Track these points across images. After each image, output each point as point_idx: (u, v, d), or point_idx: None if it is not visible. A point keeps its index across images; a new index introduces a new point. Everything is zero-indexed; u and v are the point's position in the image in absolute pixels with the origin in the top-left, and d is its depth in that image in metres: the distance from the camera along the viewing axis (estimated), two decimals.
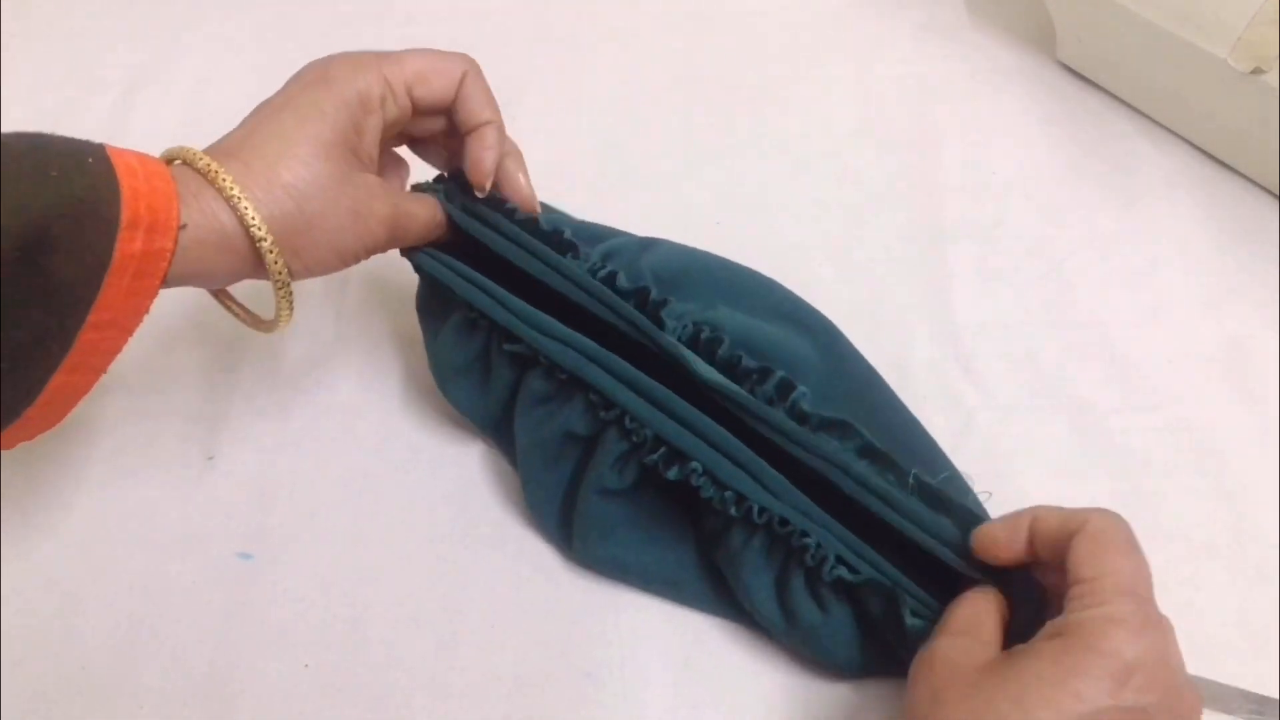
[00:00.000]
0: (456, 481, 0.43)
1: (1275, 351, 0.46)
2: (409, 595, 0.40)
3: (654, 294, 0.38)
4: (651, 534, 0.39)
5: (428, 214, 0.40)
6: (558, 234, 0.39)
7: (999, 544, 0.33)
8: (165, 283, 0.32)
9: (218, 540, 0.42)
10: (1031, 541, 0.33)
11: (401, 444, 0.44)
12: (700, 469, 0.36)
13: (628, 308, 0.38)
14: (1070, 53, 0.58)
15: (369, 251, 0.38)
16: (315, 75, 0.37)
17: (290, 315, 0.37)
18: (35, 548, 0.42)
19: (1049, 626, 0.30)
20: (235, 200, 0.33)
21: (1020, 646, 0.30)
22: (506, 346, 0.39)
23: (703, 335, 0.37)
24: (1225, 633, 0.38)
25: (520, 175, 0.41)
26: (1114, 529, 0.32)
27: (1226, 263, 0.49)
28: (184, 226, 0.32)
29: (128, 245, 0.30)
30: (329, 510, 0.43)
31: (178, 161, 0.34)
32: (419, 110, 0.38)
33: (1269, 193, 0.52)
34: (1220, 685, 0.36)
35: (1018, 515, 0.33)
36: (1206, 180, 0.53)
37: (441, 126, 0.40)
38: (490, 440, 0.44)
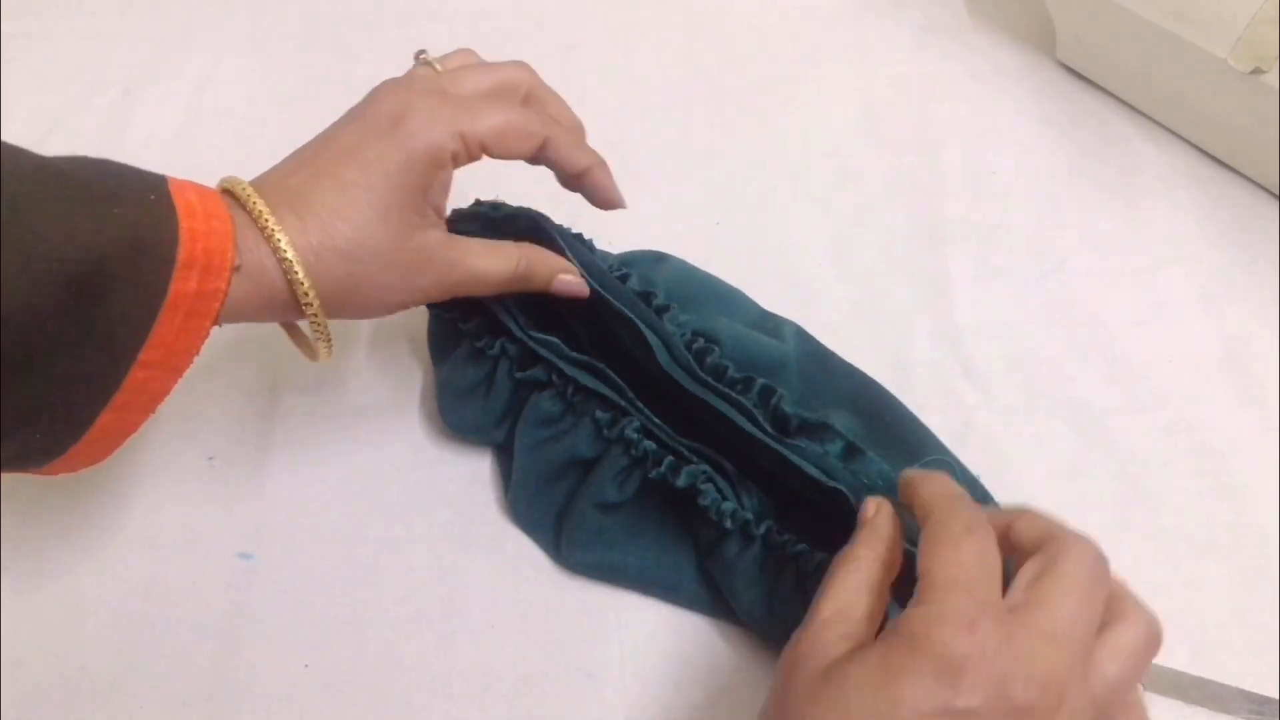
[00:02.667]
0: (456, 482, 0.43)
1: (1275, 351, 0.46)
2: (409, 595, 0.40)
3: (659, 299, 0.39)
4: (647, 539, 0.40)
5: (500, 271, 0.37)
6: (578, 236, 0.41)
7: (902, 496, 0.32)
8: (215, 321, 0.32)
9: (218, 540, 0.42)
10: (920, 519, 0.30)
11: (402, 444, 0.44)
12: (705, 475, 0.37)
13: (641, 305, 0.39)
14: (1070, 53, 0.58)
15: (421, 304, 0.37)
16: (387, 120, 0.34)
17: (330, 352, 0.36)
18: (35, 548, 0.42)
19: (889, 624, 0.27)
20: (286, 263, 0.32)
21: (875, 640, 0.27)
22: (519, 375, 0.40)
23: (695, 345, 0.39)
24: (1225, 633, 0.38)
25: (611, 182, 0.40)
26: (948, 518, 0.29)
27: (1226, 263, 0.49)
28: (238, 268, 0.31)
29: (182, 285, 0.30)
30: (329, 510, 0.43)
31: (229, 192, 0.33)
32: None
33: (1269, 193, 0.52)
34: (1220, 685, 0.36)
35: (912, 479, 0.31)
36: (1206, 180, 0.53)
37: None
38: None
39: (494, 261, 0.37)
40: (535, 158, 0.37)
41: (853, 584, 0.29)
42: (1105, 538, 0.41)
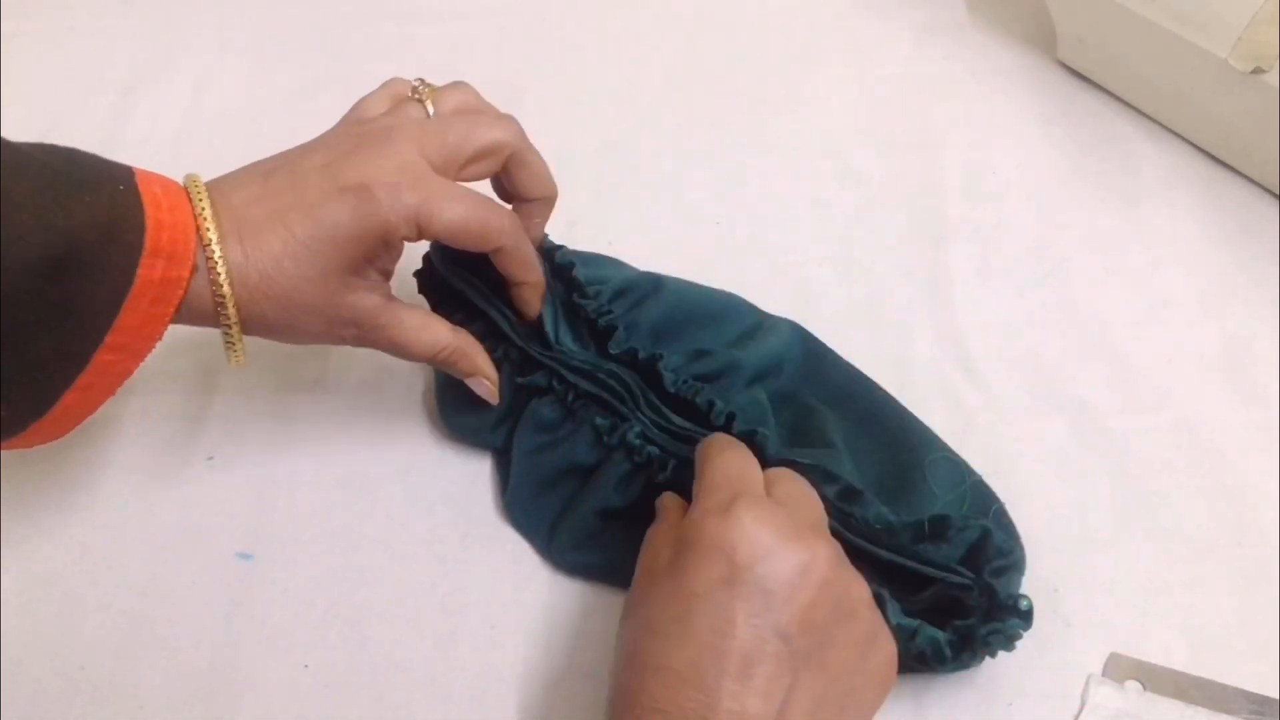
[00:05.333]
0: (456, 482, 0.43)
1: (1275, 351, 0.46)
2: (409, 595, 0.40)
3: (642, 354, 0.39)
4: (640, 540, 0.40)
5: (422, 352, 0.38)
6: (568, 267, 0.40)
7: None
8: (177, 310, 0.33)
9: (218, 540, 0.42)
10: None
11: (401, 444, 0.44)
12: None
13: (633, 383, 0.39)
14: (1070, 53, 0.58)
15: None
16: (354, 182, 0.34)
17: (242, 362, 0.36)
18: (35, 548, 0.42)
19: None
20: (219, 288, 0.33)
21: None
22: (520, 380, 0.40)
23: (682, 387, 0.39)
24: (1225, 633, 0.38)
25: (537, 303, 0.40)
26: (713, 442, 0.35)
27: (1226, 263, 0.49)
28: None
29: (148, 272, 0.31)
30: (329, 510, 0.43)
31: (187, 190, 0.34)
32: None
33: (1269, 193, 0.52)
34: (1220, 685, 0.36)
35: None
36: (1206, 180, 0.53)
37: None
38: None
39: (421, 340, 0.37)
40: (492, 258, 0.38)
41: (661, 548, 0.33)
42: (1105, 538, 0.41)
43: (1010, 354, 0.46)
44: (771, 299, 0.46)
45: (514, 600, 0.40)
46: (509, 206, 0.38)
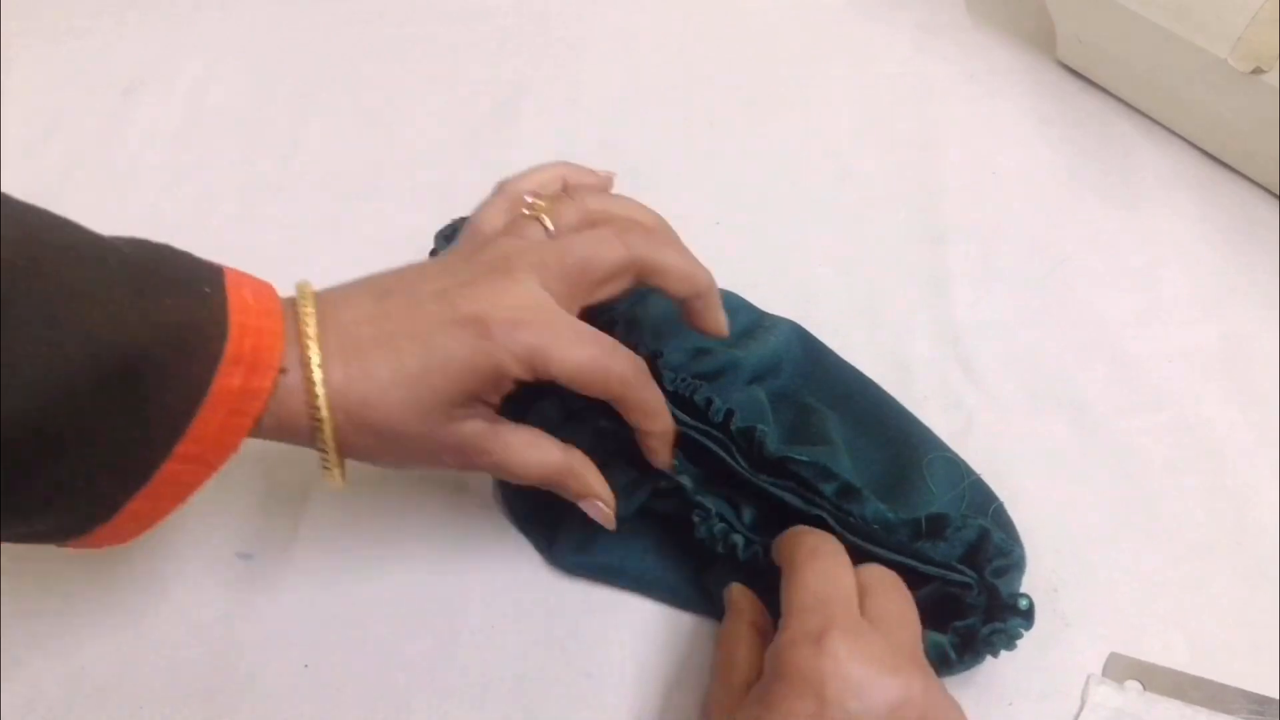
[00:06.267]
0: (457, 482, 0.43)
1: (1275, 351, 0.46)
2: (409, 595, 0.40)
3: (642, 350, 0.38)
4: (646, 543, 0.40)
5: (533, 472, 0.34)
6: None
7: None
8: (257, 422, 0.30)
9: (218, 540, 0.42)
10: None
11: None
12: (709, 507, 0.37)
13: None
14: (1070, 53, 0.58)
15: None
16: (471, 316, 0.32)
17: (345, 481, 0.34)
18: (35, 548, 0.42)
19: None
20: (316, 411, 0.31)
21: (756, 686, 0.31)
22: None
23: (681, 385, 0.38)
24: (1225, 633, 0.38)
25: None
26: (795, 547, 0.33)
27: (1226, 263, 0.49)
28: (284, 371, 0.31)
29: (226, 380, 0.29)
30: (329, 510, 0.43)
31: (293, 302, 0.32)
32: None
33: (1269, 193, 0.52)
34: (1220, 685, 0.36)
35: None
36: (1206, 180, 0.53)
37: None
38: None
39: (530, 461, 0.34)
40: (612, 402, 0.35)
41: (737, 650, 0.33)
42: (1105, 538, 0.41)
43: (1010, 354, 0.46)
44: (771, 299, 0.46)
45: (514, 600, 0.40)
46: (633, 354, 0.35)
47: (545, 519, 0.41)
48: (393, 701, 0.38)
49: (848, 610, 0.30)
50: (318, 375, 0.31)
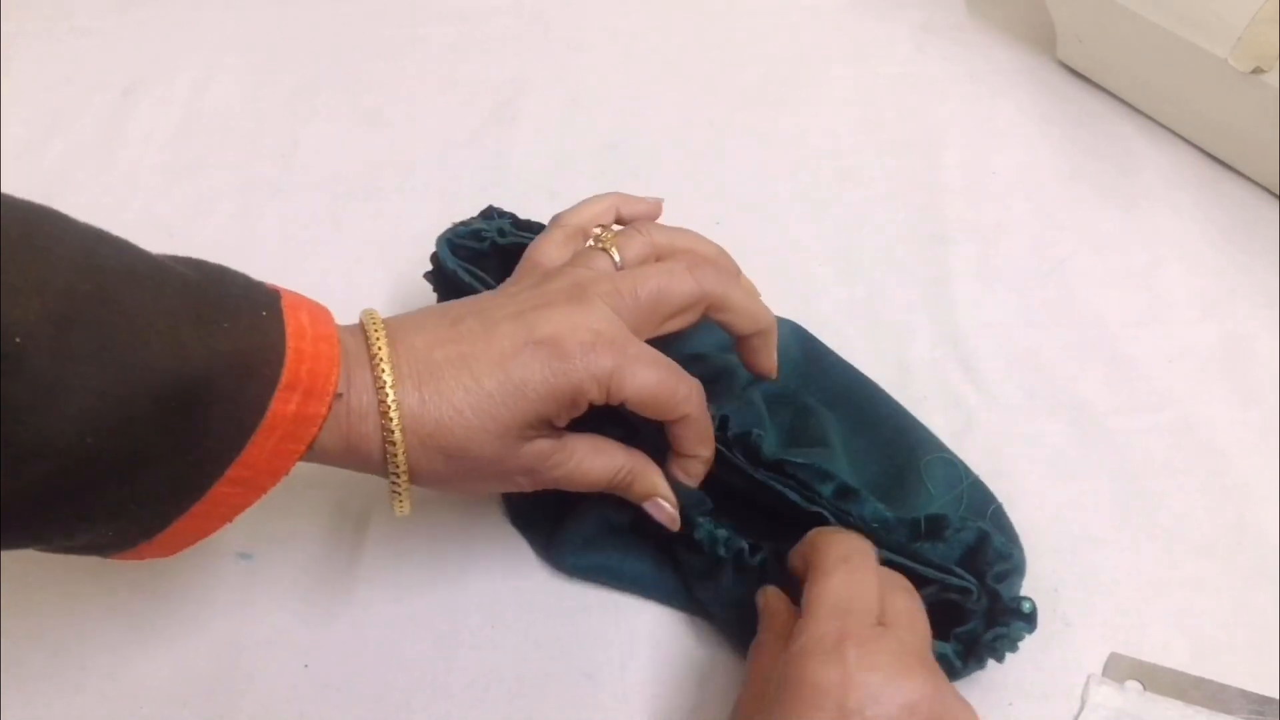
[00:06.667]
0: None
1: (1275, 351, 0.46)
2: (409, 595, 0.40)
3: None
4: (645, 546, 0.39)
5: (600, 476, 0.35)
6: None
7: (795, 569, 0.34)
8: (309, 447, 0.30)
9: (218, 540, 0.42)
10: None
11: None
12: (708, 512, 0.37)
13: None
14: (1070, 53, 0.58)
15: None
16: (549, 338, 0.32)
17: (411, 508, 0.34)
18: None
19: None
20: (390, 434, 0.31)
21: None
22: None
23: None
24: (1225, 633, 0.38)
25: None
26: (825, 549, 0.32)
27: (1226, 263, 0.49)
28: (340, 396, 0.30)
29: (282, 406, 0.29)
30: (328, 510, 0.43)
31: (363, 326, 0.32)
32: None
33: (1269, 193, 0.52)
34: (1220, 685, 0.36)
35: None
36: (1206, 180, 0.53)
37: None
38: None
39: (597, 467, 0.35)
40: (666, 429, 0.35)
41: (768, 656, 0.32)
42: (1105, 538, 0.41)
43: (1010, 354, 0.46)
44: (771, 299, 0.45)
45: (514, 600, 0.40)
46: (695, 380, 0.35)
47: (544, 520, 0.41)
48: (393, 701, 0.38)
49: (866, 619, 0.30)
50: (391, 397, 0.30)
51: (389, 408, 0.31)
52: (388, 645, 0.39)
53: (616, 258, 0.36)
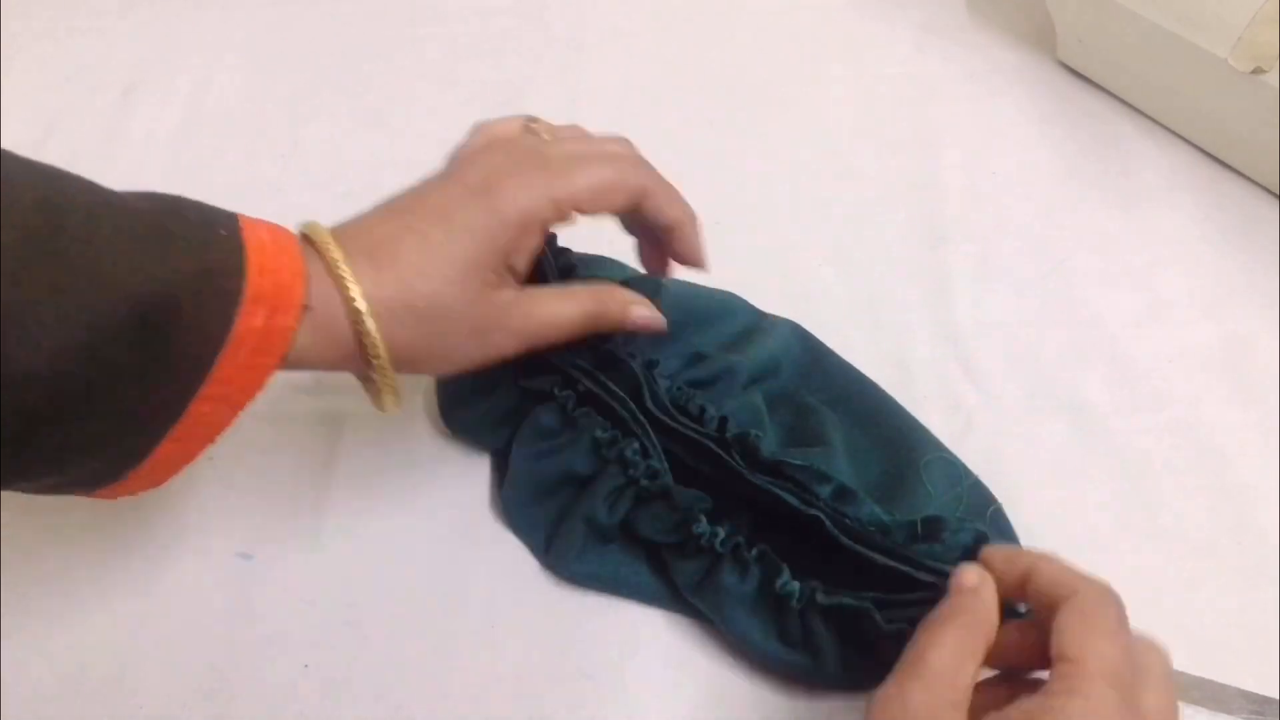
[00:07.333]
0: (456, 482, 0.43)
1: (1275, 351, 0.46)
2: (409, 595, 0.40)
3: (640, 358, 0.39)
4: (639, 556, 0.39)
5: (574, 314, 0.36)
6: (569, 269, 0.40)
7: (993, 570, 0.32)
8: (282, 361, 0.31)
9: (218, 540, 0.42)
10: (1023, 586, 0.31)
11: (402, 444, 0.44)
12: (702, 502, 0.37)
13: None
14: (1070, 53, 0.58)
15: (495, 360, 0.36)
16: (479, 184, 0.33)
17: (399, 404, 0.35)
18: (34, 548, 0.42)
19: (1023, 703, 0.27)
20: (356, 314, 0.31)
21: (992, 716, 0.27)
22: (522, 383, 0.40)
23: (676, 392, 0.39)
24: (1225, 633, 0.38)
25: (697, 241, 0.39)
26: (1103, 605, 0.30)
27: (1226, 263, 0.49)
28: (308, 308, 0.31)
29: (248, 321, 0.29)
30: (329, 510, 0.43)
31: (307, 237, 0.33)
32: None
33: (1269, 193, 0.52)
34: (1220, 685, 0.36)
35: (1019, 554, 0.32)
36: (1206, 180, 0.53)
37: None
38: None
39: (567, 305, 0.36)
40: (628, 211, 0.37)
41: (957, 649, 0.29)
42: (1105, 538, 0.41)
43: (1010, 354, 0.46)
44: (771, 299, 0.46)
45: (514, 600, 0.40)
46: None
47: (539, 527, 0.40)
48: (393, 701, 0.38)
49: (1131, 696, 0.28)
50: (346, 271, 0.31)
51: (345, 280, 0.31)
52: (388, 645, 0.39)
53: (546, 138, 0.37)
